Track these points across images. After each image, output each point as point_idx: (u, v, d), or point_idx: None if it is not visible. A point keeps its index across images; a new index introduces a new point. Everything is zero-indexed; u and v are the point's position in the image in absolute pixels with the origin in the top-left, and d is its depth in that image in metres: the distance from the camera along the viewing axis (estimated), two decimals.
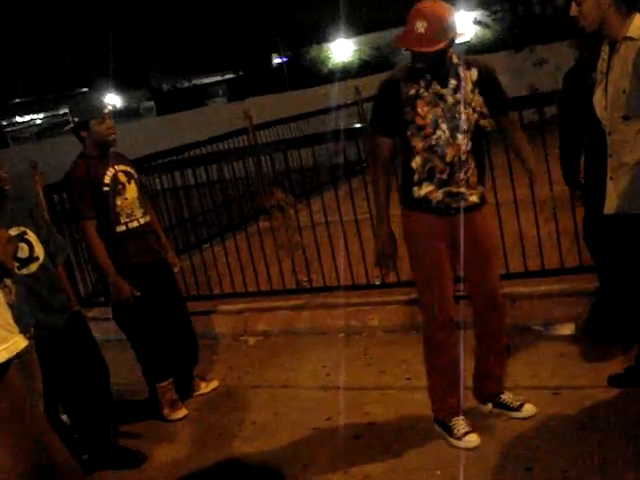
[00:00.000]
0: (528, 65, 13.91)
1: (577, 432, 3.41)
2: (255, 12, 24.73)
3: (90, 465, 3.74)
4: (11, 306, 1.03)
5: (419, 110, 3.35)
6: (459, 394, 3.61)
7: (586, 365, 4.04)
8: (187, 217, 7.12)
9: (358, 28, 24.45)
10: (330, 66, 25.40)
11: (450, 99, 3.35)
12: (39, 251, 3.64)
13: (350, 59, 25.76)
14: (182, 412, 4.44)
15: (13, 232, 3.48)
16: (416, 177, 3.43)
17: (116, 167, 4.28)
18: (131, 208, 4.30)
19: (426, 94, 3.35)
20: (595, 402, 3.62)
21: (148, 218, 4.42)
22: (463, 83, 3.36)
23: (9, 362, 1.01)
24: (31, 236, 3.61)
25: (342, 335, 5.19)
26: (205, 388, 4.73)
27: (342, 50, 26.40)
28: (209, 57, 28.23)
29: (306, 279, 5.79)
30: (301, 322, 5.41)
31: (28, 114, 39.19)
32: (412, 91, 3.35)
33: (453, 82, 3.36)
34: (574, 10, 2.96)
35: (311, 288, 5.71)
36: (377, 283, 5.39)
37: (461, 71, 3.37)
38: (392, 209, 3.54)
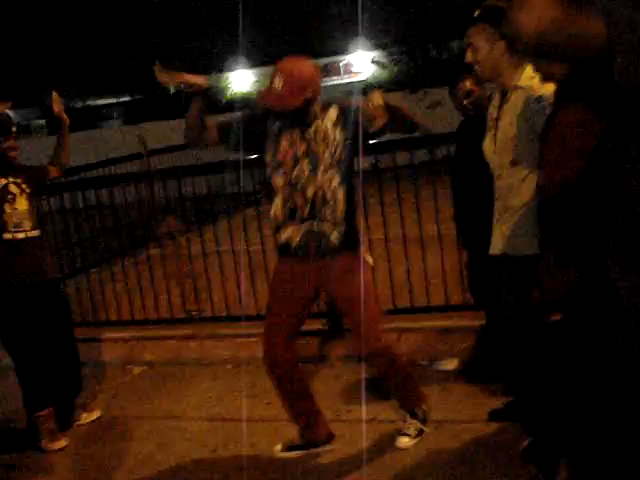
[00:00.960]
0: (422, 106, 14.31)
1: (457, 466, 3.49)
2: (153, 36, 24.53)
3: None
4: None
5: (283, 146, 3.46)
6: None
7: (467, 400, 4.15)
8: (75, 240, 6.92)
9: (258, 59, 24.62)
10: (229, 95, 25.40)
11: (311, 141, 3.44)
12: None
13: (250, 89, 25.85)
14: (61, 443, 4.29)
15: None
16: (280, 220, 3.51)
17: (10, 179, 4.28)
18: (20, 219, 4.25)
19: (288, 134, 3.45)
20: (475, 436, 3.72)
21: (37, 233, 4.35)
22: (323, 123, 3.44)
23: None
24: None
25: (230, 366, 5.15)
26: (86, 418, 4.59)
27: (242, 80, 26.49)
28: (105, 78, 27.73)
29: (195, 309, 5.73)
30: (189, 352, 5.33)
31: None
32: (276, 128, 3.48)
33: (313, 127, 3.45)
34: (469, 57, 3.09)
35: (200, 318, 5.65)
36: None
37: (320, 114, 3.46)
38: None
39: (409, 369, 3.84)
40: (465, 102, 4.05)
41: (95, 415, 4.63)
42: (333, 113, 3.47)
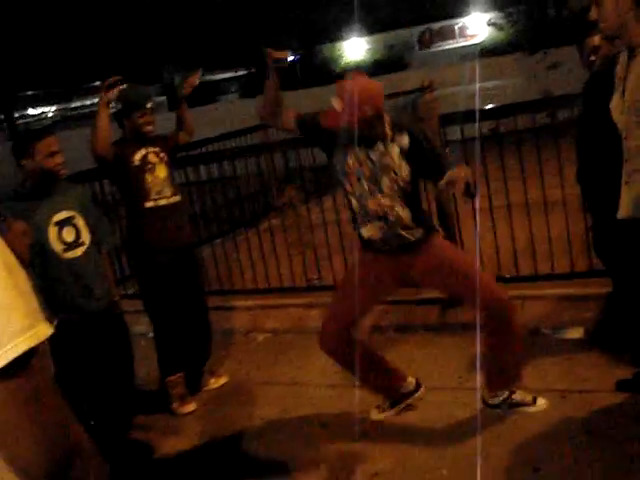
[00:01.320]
0: (541, 68, 13.85)
1: (584, 435, 3.42)
2: (268, 9, 24.72)
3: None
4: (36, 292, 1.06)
5: (349, 161, 3.54)
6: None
7: (594, 369, 4.04)
8: (199, 212, 7.15)
9: (371, 27, 24.41)
10: (342, 65, 25.36)
11: (375, 163, 3.50)
12: (85, 237, 3.79)
13: (363, 58, 25.73)
14: (190, 407, 4.48)
15: (63, 215, 3.69)
16: (359, 219, 3.64)
17: (150, 148, 4.41)
18: (161, 186, 4.39)
19: (355, 151, 3.52)
20: (602, 406, 3.64)
21: (178, 198, 4.50)
22: (391, 148, 3.48)
23: (33, 350, 1.03)
24: (79, 221, 3.77)
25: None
26: (214, 384, 4.77)
27: (355, 49, 26.37)
28: (222, 53, 28.22)
29: (316, 277, 5.81)
30: (310, 320, 5.42)
31: (40, 107, 39.29)
32: (344, 141, 3.51)
33: (381, 148, 3.49)
34: (594, 13, 2.96)
35: (321, 286, 5.74)
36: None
37: (389, 137, 3.49)
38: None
39: (520, 344, 3.65)
40: (592, 58, 3.89)
41: (223, 381, 4.80)
42: (404, 141, 3.50)
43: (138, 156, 4.34)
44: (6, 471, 1.07)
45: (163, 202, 4.38)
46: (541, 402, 3.74)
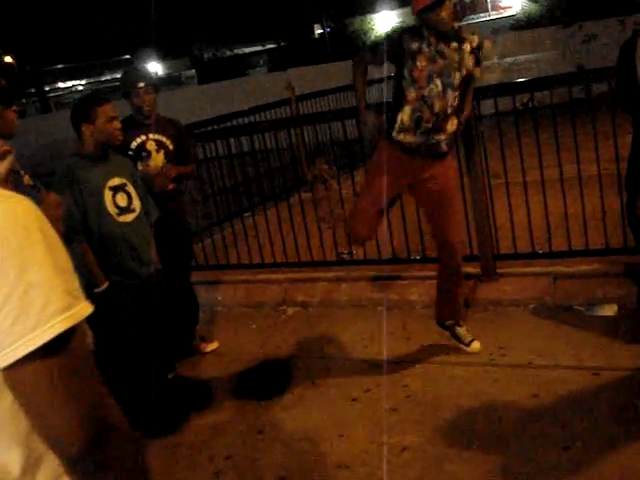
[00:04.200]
0: (576, 41, 13.61)
1: (616, 414, 3.39)
2: None
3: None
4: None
5: (418, 64, 3.78)
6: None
7: (627, 347, 3.99)
8: (229, 186, 7.15)
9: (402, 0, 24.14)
10: (373, 38, 25.12)
11: (449, 57, 3.80)
12: (136, 204, 3.92)
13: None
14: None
15: (116, 182, 3.83)
16: (405, 125, 3.89)
17: (150, 135, 4.49)
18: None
19: (427, 50, 3.78)
20: (634, 385, 3.60)
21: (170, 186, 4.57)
22: (464, 45, 3.83)
23: (74, 328, 1.03)
24: (130, 189, 3.90)
25: (380, 308, 5.19)
26: (205, 348, 4.96)
27: (385, 22, 26.11)
28: (251, 27, 28.13)
29: (346, 251, 5.80)
30: (340, 294, 5.42)
31: (71, 80, 39.48)
32: (415, 45, 3.78)
33: (454, 44, 3.81)
34: None
35: (351, 260, 5.72)
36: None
37: (462, 35, 3.84)
38: None
39: (462, 285, 4.31)
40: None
41: (213, 346, 5.00)
42: (474, 41, 3.87)
43: (134, 144, 4.46)
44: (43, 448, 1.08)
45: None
46: (475, 346, 4.23)
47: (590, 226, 4.83)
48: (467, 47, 3.83)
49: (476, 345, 4.24)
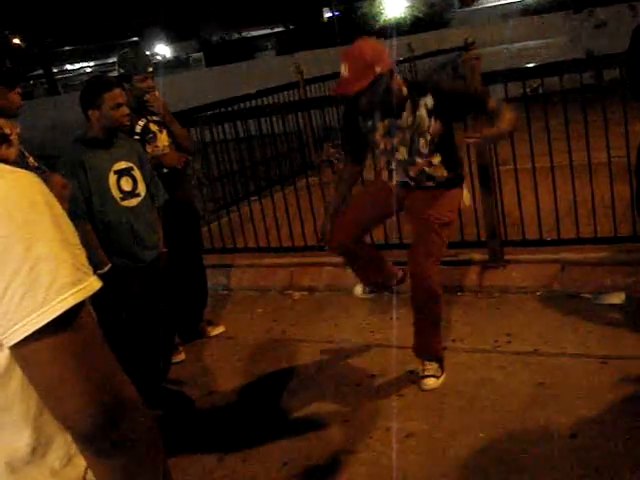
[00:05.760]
0: (587, 27, 13.51)
1: (623, 403, 3.37)
2: None
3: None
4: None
5: (377, 139, 3.70)
6: None
7: (635, 335, 3.97)
8: (235, 169, 7.13)
9: None
10: (382, 22, 24.99)
11: (405, 127, 3.58)
12: (142, 188, 3.90)
13: (402, 15, 25.32)
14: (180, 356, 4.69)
15: (122, 165, 3.82)
16: (391, 169, 3.79)
17: (148, 117, 4.47)
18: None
19: (380, 125, 3.63)
20: None
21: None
22: (418, 111, 3.54)
23: (83, 303, 1.01)
24: (136, 173, 3.89)
25: (387, 294, 5.17)
26: (211, 332, 4.97)
27: (394, 6, 25.97)
28: (259, 10, 28.02)
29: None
30: (347, 279, 5.39)
31: (79, 62, 39.43)
32: (367, 125, 3.68)
33: (406, 114, 3.55)
34: None
35: None
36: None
37: (413, 102, 3.54)
38: None
39: (438, 314, 3.84)
40: None
41: (219, 330, 5.02)
42: (429, 101, 3.52)
43: (138, 127, 4.42)
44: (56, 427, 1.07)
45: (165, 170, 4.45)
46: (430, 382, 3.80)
47: (599, 214, 4.80)
48: (422, 111, 3.54)
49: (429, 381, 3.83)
